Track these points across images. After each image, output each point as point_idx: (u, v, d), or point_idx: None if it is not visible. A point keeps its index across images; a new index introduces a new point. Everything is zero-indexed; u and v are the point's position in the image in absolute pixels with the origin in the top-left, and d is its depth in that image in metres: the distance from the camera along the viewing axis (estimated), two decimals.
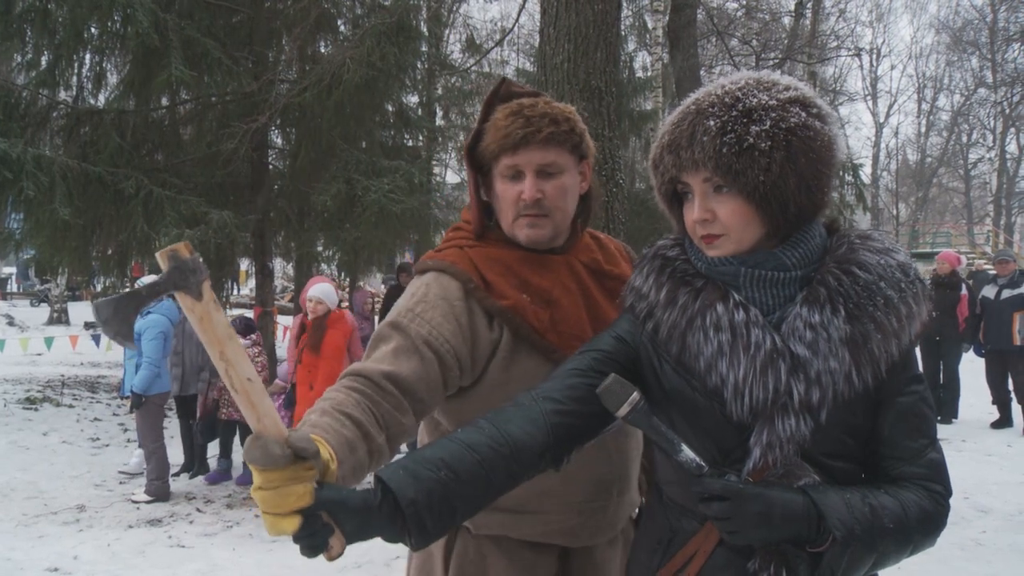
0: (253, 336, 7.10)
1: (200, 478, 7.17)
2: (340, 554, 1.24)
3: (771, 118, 1.33)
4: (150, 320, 6.59)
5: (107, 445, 8.22)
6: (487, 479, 1.34)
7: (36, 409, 9.75)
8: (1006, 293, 9.03)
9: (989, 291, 9.27)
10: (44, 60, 9.85)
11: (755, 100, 1.35)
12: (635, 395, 1.36)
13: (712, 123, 1.35)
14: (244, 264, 14.21)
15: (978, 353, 9.40)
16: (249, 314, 11.66)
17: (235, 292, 24.55)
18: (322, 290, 6.24)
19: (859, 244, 1.42)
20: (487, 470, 1.34)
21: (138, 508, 6.24)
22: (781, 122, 1.34)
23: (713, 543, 1.42)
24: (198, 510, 6.27)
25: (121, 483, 6.87)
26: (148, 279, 7.06)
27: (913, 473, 1.39)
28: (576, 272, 1.81)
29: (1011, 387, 9.12)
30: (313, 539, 1.20)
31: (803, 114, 1.35)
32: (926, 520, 1.36)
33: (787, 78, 1.42)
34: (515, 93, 1.79)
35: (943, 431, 8.79)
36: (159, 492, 6.47)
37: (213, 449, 7.40)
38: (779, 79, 1.40)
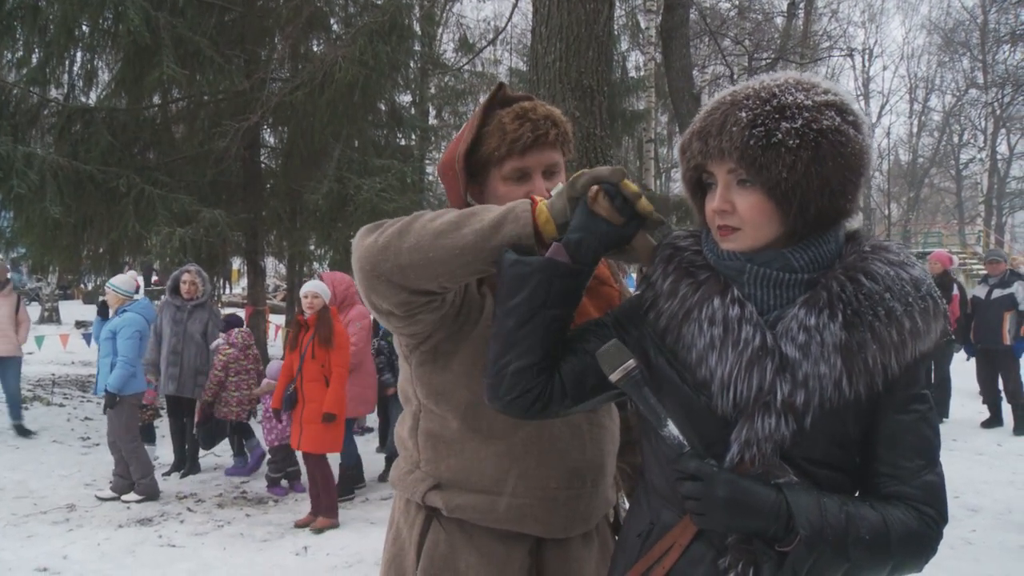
0: (223, 335, 7.09)
1: (191, 477, 7.16)
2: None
3: (804, 117, 1.32)
4: (126, 319, 6.51)
5: (97, 444, 8.19)
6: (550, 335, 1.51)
7: (26, 408, 9.69)
8: (996, 293, 9.05)
9: (980, 291, 9.30)
10: (35, 57, 9.82)
11: (791, 98, 1.34)
12: (631, 362, 1.40)
13: (744, 115, 1.34)
14: (236, 263, 14.17)
15: (969, 353, 9.43)
16: (241, 313, 11.65)
17: (227, 291, 24.51)
18: (314, 284, 6.22)
19: (871, 254, 1.40)
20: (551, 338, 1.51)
21: (128, 508, 6.22)
22: (813, 123, 1.32)
23: (689, 537, 1.41)
24: (189, 509, 6.25)
25: (111, 482, 6.84)
26: (119, 278, 7.03)
27: (905, 493, 1.36)
28: None
29: (1001, 386, 9.16)
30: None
31: (837, 119, 1.33)
32: (910, 540, 1.33)
33: (828, 82, 1.40)
34: (513, 98, 1.83)
35: None
36: (148, 490, 6.43)
37: (203, 451, 7.39)
38: (820, 82, 1.39)
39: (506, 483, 1.74)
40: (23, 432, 8.50)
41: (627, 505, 2.05)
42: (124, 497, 6.41)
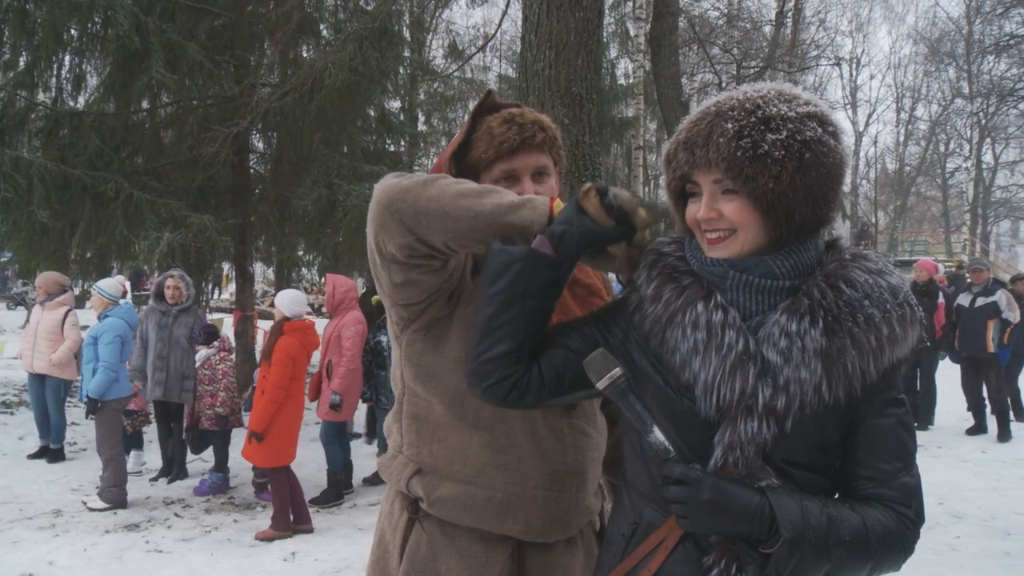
0: (216, 343, 6.94)
1: (178, 483, 7.13)
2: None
3: (788, 128, 1.35)
4: (107, 324, 6.47)
5: (84, 449, 8.15)
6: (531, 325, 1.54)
7: (12, 413, 9.65)
8: (980, 301, 9.13)
9: (964, 299, 9.37)
10: (22, 61, 9.76)
11: (775, 110, 1.37)
12: (616, 370, 1.44)
13: (730, 126, 1.37)
14: (224, 268, 14.15)
15: (954, 360, 9.50)
16: (229, 318, 11.60)
17: (216, 296, 24.44)
18: (278, 297, 6.21)
19: (851, 262, 1.43)
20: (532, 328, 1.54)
21: (115, 513, 6.19)
22: (797, 134, 1.35)
23: (676, 539, 1.44)
24: (176, 515, 6.23)
25: (97, 487, 6.82)
26: (106, 281, 6.97)
27: (884, 495, 1.40)
28: None
29: (985, 394, 9.22)
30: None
31: (819, 129, 1.37)
32: (889, 539, 1.37)
33: (808, 93, 1.44)
34: (501, 104, 1.86)
35: (920, 438, 8.84)
36: (116, 499, 6.35)
37: (191, 456, 7.36)
38: (800, 93, 1.42)
39: (486, 475, 1.76)
40: (56, 456, 7.84)
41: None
42: (89, 503, 6.32)
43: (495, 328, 1.52)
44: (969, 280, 9.64)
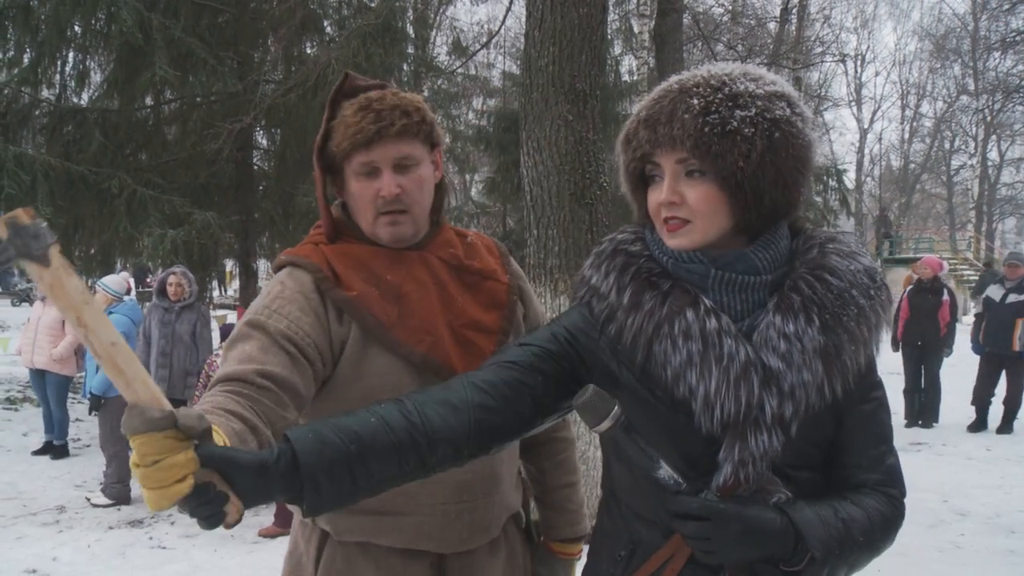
0: None
1: None
2: (237, 520, 1.15)
3: (757, 106, 1.27)
4: (112, 320, 6.42)
5: (88, 446, 8.16)
6: (399, 463, 1.26)
7: (16, 409, 9.67)
8: (1012, 297, 8.79)
9: (995, 292, 9.04)
10: (26, 57, 9.77)
11: (742, 87, 1.29)
12: (616, 409, 1.29)
13: (696, 102, 1.27)
14: (228, 264, 14.13)
15: (977, 351, 9.28)
16: (233, 316, 11.58)
17: (220, 293, 24.47)
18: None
19: (829, 248, 1.37)
20: (400, 455, 1.26)
21: (119, 509, 6.20)
22: (767, 112, 1.28)
23: (683, 560, 1.35)
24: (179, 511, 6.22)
25: (101, 484, 6.83)
26: (110, 278, 6.95)
27: (873, 480, 1.38)
28: (431, 267, 1.74)
29: (1002, 391, 9.02)
30: (208, 507, 1.10)
31: (788, 110, 1.30)
32: (887, 524, 1.37)
33: (772, 75, 1.36)
34: (360, 87, 1.73)
35: (924, 435, 8.84)
36: (119, 496, 6.34)
37: None
38: (765, 73, 1.35)
39: (393, 504, 1.63)
40: (59, 452, 7.82)
41: (536, 510, 1.99)
42: (93, 500, 6.33)
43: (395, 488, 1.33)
44: (1003, 274, 9.26)
